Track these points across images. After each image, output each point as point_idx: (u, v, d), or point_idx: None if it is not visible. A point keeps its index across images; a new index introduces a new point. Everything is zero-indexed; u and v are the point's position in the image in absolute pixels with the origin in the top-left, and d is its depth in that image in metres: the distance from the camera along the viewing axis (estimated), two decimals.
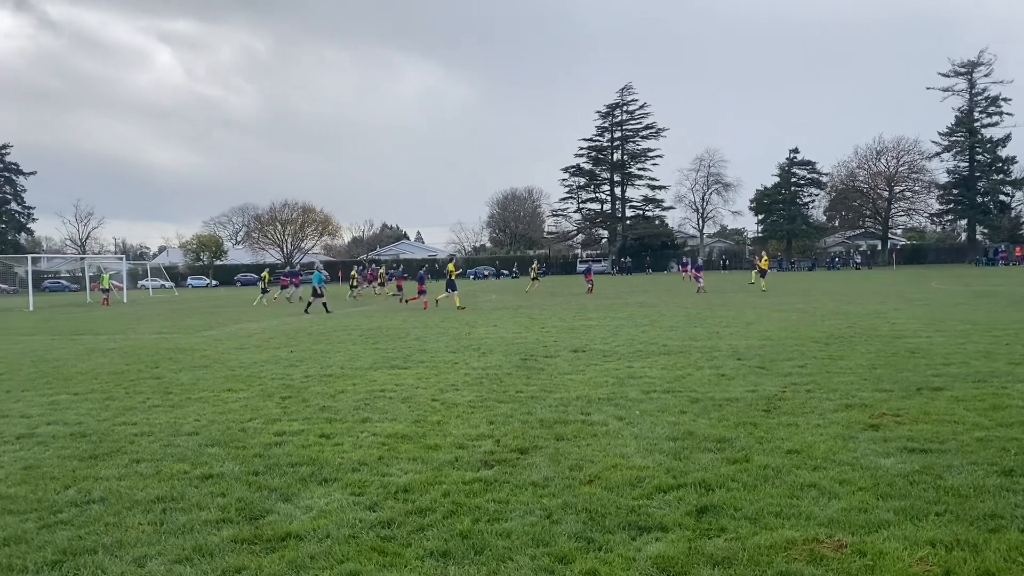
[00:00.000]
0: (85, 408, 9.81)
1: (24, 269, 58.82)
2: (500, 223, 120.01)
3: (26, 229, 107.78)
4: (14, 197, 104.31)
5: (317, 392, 10.49)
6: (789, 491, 5.49)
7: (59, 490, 6.13)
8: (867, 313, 20.67)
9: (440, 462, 6.61)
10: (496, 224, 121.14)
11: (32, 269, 53.28)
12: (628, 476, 5.95)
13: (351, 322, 23.74)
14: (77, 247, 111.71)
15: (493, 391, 10.08)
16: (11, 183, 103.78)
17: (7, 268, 69.18)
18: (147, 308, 40.38)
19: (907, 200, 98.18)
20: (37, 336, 22.58)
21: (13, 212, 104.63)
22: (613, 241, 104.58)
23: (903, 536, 4.59)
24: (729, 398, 9.01)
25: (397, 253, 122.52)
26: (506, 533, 4.87)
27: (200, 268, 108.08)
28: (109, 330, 24.13)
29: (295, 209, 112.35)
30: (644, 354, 13.34)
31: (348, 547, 4.73)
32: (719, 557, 4.39)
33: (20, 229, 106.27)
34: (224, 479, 6.28)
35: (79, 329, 25.09)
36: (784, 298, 29.10)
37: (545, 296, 37.44)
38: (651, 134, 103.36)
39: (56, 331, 24.49)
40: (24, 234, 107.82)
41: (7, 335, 23.39)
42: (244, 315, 30.01)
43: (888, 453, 6.41)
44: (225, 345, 17.57)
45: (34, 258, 61.49)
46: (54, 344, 19.46)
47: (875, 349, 12.97)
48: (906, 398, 8.71)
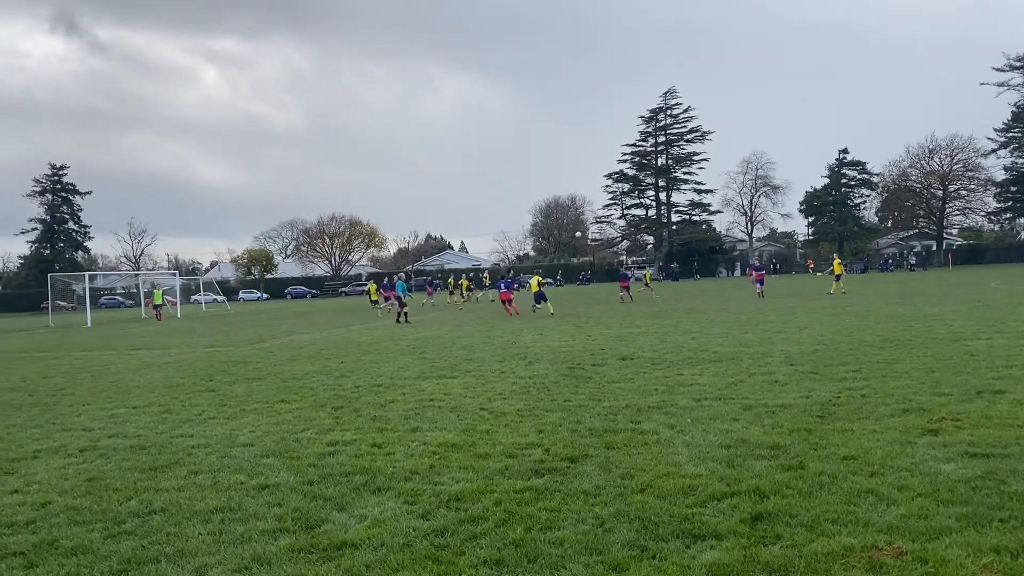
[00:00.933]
0: (144, 421, 10.06)
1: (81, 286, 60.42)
2: (543, 231, 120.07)
3: (83, 247, 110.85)
4: (71, 216, 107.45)
5: (368, 402, 10.61)
6: (846, 498, 5.39)
7: (122, 501, 6.30)
8: (923, 316, 20.20)
9: (491, 471, 6.63)
10: (539, 232, 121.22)
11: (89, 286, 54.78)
12: (681, 484, 5.90)
13: (399, 332, 23.94)
14: (131, 264, 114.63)
15: (541, 400, 10.08)
16: (68, 203, 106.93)
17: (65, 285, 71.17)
18: (200, 322, 41.24)
19: (962, 199, 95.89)
20: (95, 351, 23.21)
21: (71, 231, 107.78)
22: (659, 247, 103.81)
23: (966, 543, 4.48)
24: (782, 404, 8.88)
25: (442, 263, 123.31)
26: (559, 541, 4.86)
27: (251, 282, 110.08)
28: (164, 345, 24.69)
29: (342, 222, 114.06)
30: (694, 361, 13.22)
31: (403, 555, 4.78)
32: (775, 565, 4.33)
33: (77, 247, 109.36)
34: (280, 489, 6.38)
35: (135, 344, 25.72)
36: (837, 301, 28.57)
37: (590, 304, 37.30)
38: (696, 137, 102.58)
39: (113, 346, 25.15)
40: (81, 252, 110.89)
41: (68, 350, 24.09)
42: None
43: (948, 458, 6.26)
44: (277, 357, 17.85)
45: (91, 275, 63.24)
46: (112, 359, 19.98)
47: (932, 352, 12.67)
48: (966, 402, 8.49)
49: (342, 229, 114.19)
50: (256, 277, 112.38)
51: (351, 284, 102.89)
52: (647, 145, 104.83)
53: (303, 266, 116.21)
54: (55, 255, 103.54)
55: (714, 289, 46.57)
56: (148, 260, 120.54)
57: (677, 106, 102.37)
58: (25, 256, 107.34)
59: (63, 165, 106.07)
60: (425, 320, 30.34)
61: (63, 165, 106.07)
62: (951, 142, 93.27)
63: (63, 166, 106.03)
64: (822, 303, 28.02)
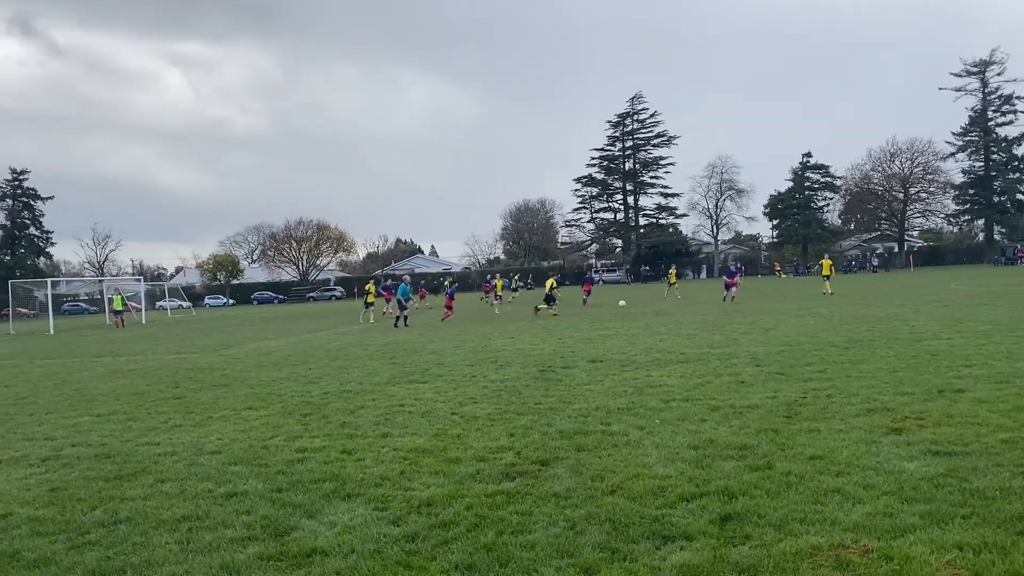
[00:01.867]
0: (108, 429, 9.90)
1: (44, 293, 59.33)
2: (514, 235, 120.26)
3: (45, 253, 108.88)
4: (32, 222, 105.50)
5: (337, 408, 10.54)
6: (813, 497, 5.46)
7: (86, 511, 6.19)
8: (886, 316, 20.54)
9: (462, 475, 6.62)
10: (510, 236, 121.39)
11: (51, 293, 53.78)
12: (651, 486, 5.94)
13: (368, 338, 23.82)
14: (95, 270, 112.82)
15: (512, 403, 10.09)
16: (29, 208, 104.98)
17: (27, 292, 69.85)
18: (166, 329, 40.67)
19: (923, 201, 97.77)
20: (58, 359, 22.80)
21: (32, 237, 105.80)
22: (627, 250, 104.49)
23: (929, 540, 4.56)
24: (749, 405, 8.98)
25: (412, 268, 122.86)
26: (530, 545, 4.87)
27: (217, 287, 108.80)
28: (129, 351, 24.32)
29: (310, 226, 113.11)
30: (662, 363, 13.32)
31: (373, 562, 4.75)
32: (744, 564, 4.38)
33: (39, 253, 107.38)
34: (248, 497, 6.32)
35: (99, 351, 25.31)
36: (802, 303, 28.94)
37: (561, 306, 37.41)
38: (662, 142, 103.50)
39: (77, 353, 24.72)
40: (43, 258, 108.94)
41: (29, 358, 23.63)
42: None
43: (912, 457, 6.37)
44: (244, 364, 17.67)
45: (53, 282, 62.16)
46: (75, 366, 19.64)
47: (895, 352, 12.89)
48: (928, 401, 8.65)
49: (310, 233, 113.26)
50: (222, 283, 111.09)
51: (319, 289, 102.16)
52: (615, 149, 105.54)
53: (270, 271, 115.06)
54: (16, 261, 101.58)
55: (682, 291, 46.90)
56: (112, 266, 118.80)
57: (644, 111, 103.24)
58: None
59: (24, 170, 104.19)
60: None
61: (24, 170, 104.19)
62: (911, 146, 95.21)
63: (24, 171, 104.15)
64: (786, 304, 28.35)
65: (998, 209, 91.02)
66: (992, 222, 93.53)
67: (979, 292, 30.14)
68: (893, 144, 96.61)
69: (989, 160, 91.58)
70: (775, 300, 32.55)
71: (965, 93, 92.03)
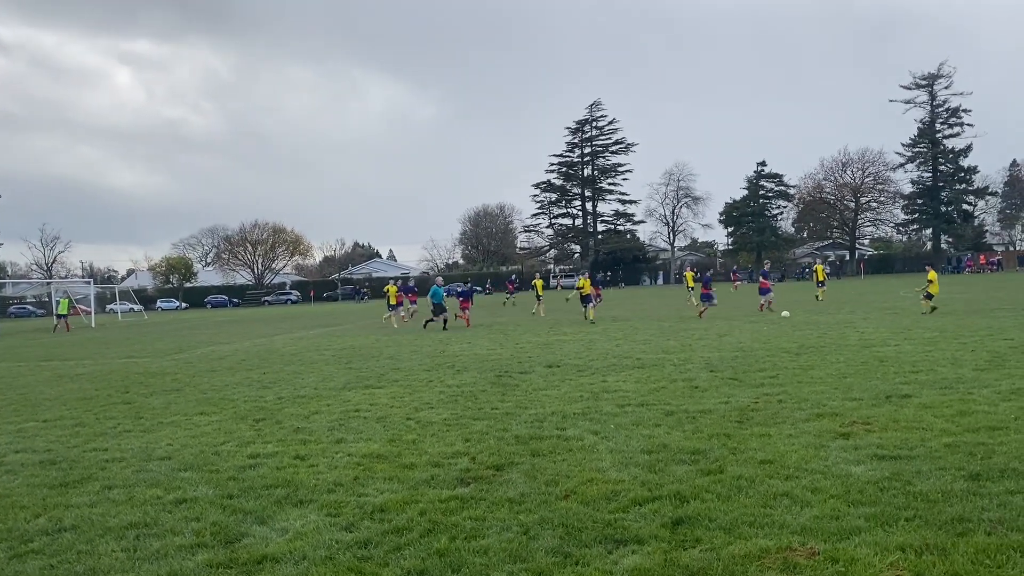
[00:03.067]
0: (54, 435, 9.67)
1: None
2: (472, 240, 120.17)
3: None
4: None
5: (291, 413, 10.43)
6: (763, 500, 5.55)
7: (29, 519, 6.04)
8: (837, 323, 20.95)
9: (416, 481, 6.60)
10: (468, 241, 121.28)
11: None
12: (604, 490, 5.98)
13: (323, 342, 23.60)
14: (43, 272, 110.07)
15: (468, 408, 10.08)
16: None
17: None
18: (116, 332, 39.83)
19: (873, 211, 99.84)
20: (3, 363, 22.19)
21: None
22: (585, 256, 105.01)
23: (874, 542, 4.66)
24: (703, 410, 9.09)
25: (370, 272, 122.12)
26: (483, 550, 4.87)
27: (170, 291, 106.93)
28: (77, 355, 23.77)
29: (265, 229, 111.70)
30: (618, 368, 13.42)
31: (325, 568, 4.71)
32: (694, 568, 4.43)
33: None
34: (198, 503, 6.22)
35: (46, 355, 24.70)
36: (754, 310, 29.36)
37: (519, 311, 37.48)
38: (620, 149, 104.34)
39: (22, 357, 24.09)
40: None
41: None
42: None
43: (859, 461, 6.51)
44: (196, 368, 17.39)
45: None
46: (21, 371, 19.14)
47: (845, 358, 13.16)
48: (876, 406, 8.84)
49: (265, 236, 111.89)
50: (175, 286, 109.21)
51: (275, 293, 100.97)
52: (574, 156, 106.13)
53: (224, 274, 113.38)
54: None
55: (639, 297, 47.28)
56: (61, 268, 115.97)
57: (603, 118, 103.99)
58: None
59: None
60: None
61: None
62: (863, 156, 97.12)
63: None
64: (741, 311, 28.74)
65: (945, 219, 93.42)
66: (940, 231, 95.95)
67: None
68: (845, 154, 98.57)
69: (937, 171, 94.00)
70: (730, 307, 32.97)
71: (914, 105, 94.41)
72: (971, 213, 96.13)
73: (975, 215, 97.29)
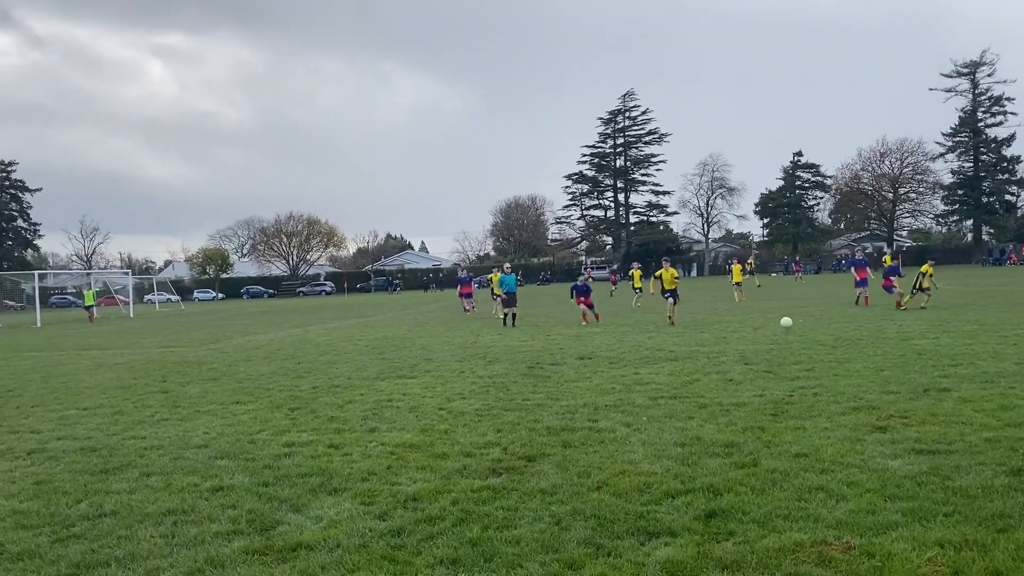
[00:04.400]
0: (94, 423, 9.86)
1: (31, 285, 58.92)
2: (504, 231, 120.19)
3: (32, 245, 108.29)
4: (20, 214, 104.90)
5: (325, 403, 10.53)
6: (797, 494, 5.50)
7: (71, 504, 6.17)
8: (873, 315, 20.65)
9: (448, 470, 6.63)
10: (500, 232, 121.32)
11: (39, 285, 53.46)
12: (636, 482, 5.96)
13: (357, 332, 23.79)
14: (83, 263, 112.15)
15: (500, 399, 10.11)
16: (17, 200, 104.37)
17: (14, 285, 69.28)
18: (154, 322, 40.50)
19: (912, 201, 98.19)
20: (45, 352, 22.68)
21: (19, 229, 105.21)
22: (617, 247, 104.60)
23: (911, 537, 4.60)
24: (737, 403, 9.02)
25: (402, 263, 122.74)
26: (515, 540, 4.89)
27: (206, 281, 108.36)
28: (116, 344, 24.21)
29: (300, 221, 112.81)
30: (651, 360, 13.35)
31: (359, 556, 4.76)
32: (728, 561, 4.41)
33: (27, 246, 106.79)
34: (234, 491, 6.31)
35: (86, 344, 25.19)
36: (791, 302, 29.07)
37: (550, 303, 37.44)
38: (654, 139, 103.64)
39: (63, 346, 24.59)
40: (31, 250, 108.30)
41: (16, 351, 23.50)
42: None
43: (896, 455, 6.42)
44: (232, 358, 17.62)
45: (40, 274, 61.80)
46: (62, 359, 19.55)
47: (882, 351, 12.97)
48: (913, 400, 8.71)
49: (300, 228, 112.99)
50: (211, 276, 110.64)
51: (309, 284, 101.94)
52: (606, 147, 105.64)
53: (260, 265, 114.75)
54: (3, 254, 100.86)
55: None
56: (100, 259, 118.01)
57: (636, 108, 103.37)
58: None
59: (11, 161, 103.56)
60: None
61: (11, 161, 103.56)
62: (901, 146, 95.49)
63: (11, 162, 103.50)
64: (777, 303, 28.44)
65: (987, 210, 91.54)
66: (980, 223, 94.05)
67: (967, 292, 30.34)
68: (883, 144, 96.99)
69: (978, 161, 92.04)
70: (765, 299, 32.67)
71: (955, 94, 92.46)
72: (1014, 204, 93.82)
73: (1017, 205, 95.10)
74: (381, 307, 44.18)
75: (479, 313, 30.36)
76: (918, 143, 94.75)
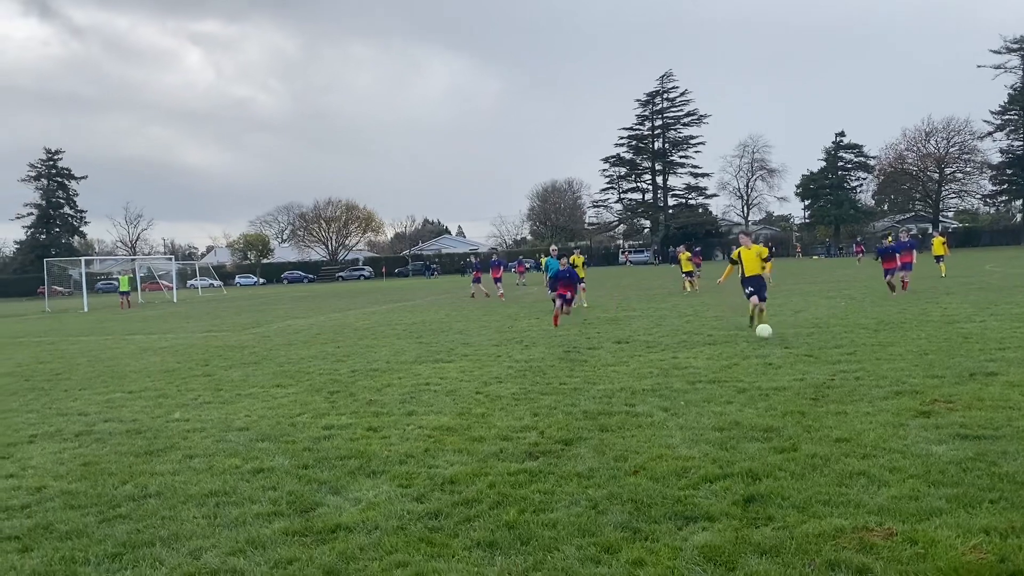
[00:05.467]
0: (139, 405, 10.07)
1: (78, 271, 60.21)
2: (541, 215, 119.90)
3: (79, 232, 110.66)
4: (67, 201, 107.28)
5: (364, 386, 10.63)
6: (838, 479, 5.42)
7: (117, 485, 6.31)
8: (917, 298, 20.25)
9: (485, 454, 6.66)
10: (537, 216, 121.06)
11: (85, 271, 54.62)
12: (674, 466, 5.93)
13: (395, 317, 23.95)
14: (128, 249, 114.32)
15: (536, 383, 10.11)
16: (64, 187, 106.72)
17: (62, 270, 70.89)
18: (196, 307, 41.20)
19: (958, 182, 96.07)
20: (92, 336, 23.20)
21: (67, 216, 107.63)
22: (655, 231, 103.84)
23: (956, 524, 4.51)
24: (776, 387, 8.91)
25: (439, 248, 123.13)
26: (552, 523, 4.89)
27: (247, 267, 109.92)
28: (160, 329, 24.68)
29: (338, 207, 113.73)
30: (689, 344, 13.25)
31: (396, 538, 4.80)
32: (767, 546, 4.36)
33: (73, 232, 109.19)
34: (275, 473, 6.40)
35: (131, 329, 25.71)
36: (832, 284, 28.63)
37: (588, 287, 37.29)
38: (692, 121, 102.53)
39: (110, 331, 25.13)
40: (77, 237, 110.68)
41: (64, 335, 24.08)
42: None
43: (940, 440, 6.29)
44: (273, 342, 17.86)
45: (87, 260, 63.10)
46: (108, 344, 19.98)
47: (926, 335, 12.71)
48: (958, 384, 8.53)
49: (338, 214, 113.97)
50: (252, 262, 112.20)
51: (348, 269, 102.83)
52: (644, 129, 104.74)
53: (300, 251, 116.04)
54: (51, 240, 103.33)
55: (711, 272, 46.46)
56: (144, 245, 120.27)
57: (674, 89, 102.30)
58: (21, 241, 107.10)
59: (58, 150, 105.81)
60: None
61: (58, 150, 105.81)
62: (947, 124, 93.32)
63: (58, 151, 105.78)
64: (816, 286, 28.04)
65: None
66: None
67: (1015, 274, 29.57)
68: (928, 123, 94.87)
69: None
70: (806, 282, 32.21)
71: (1004, 71, 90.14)
72: None
73: None
74: (419, 292, 44.43)
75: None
76: (965, 122, 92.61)
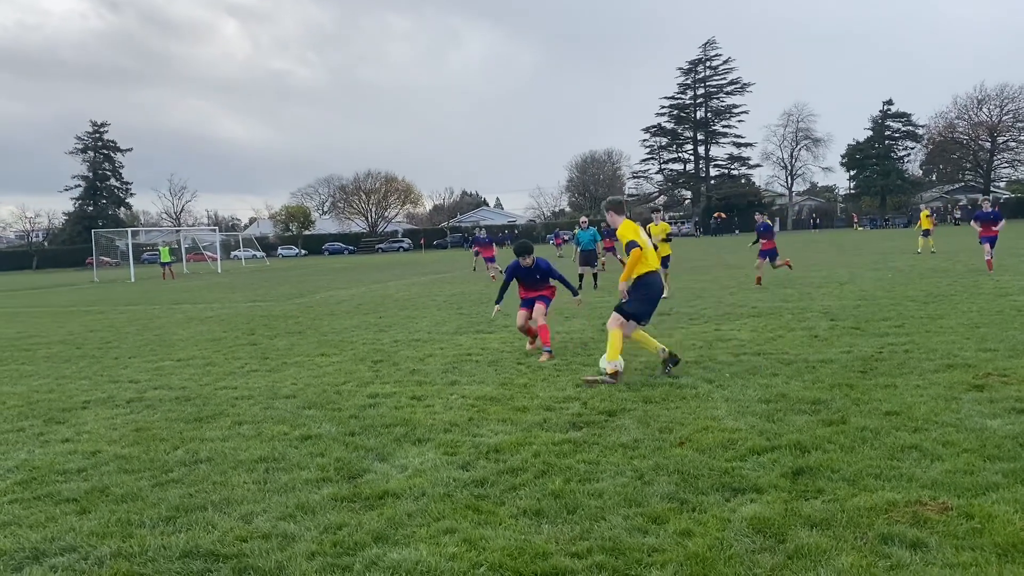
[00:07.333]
0: (188, 373, 10.26)
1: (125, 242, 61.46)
2: (579, 187, 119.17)
3: (125, 204, 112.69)
4: (113, 173, 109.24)
5: (407, 356, 10.70)
6: (889, 453, 5.33)
7: (169, 451, 6.44)
8: (968, 270, 19.78)
9: (529, 423, 6.66)
10: (575, 188, 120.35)
11: (132, 242, 55.71)
12: (720, 438, 5.88)
13: (435, 288, 24.05)
14: (172, 220, 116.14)
15: (578, 354, 10.08)
16: (110, 160, 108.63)
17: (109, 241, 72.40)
18: (240, 277, 41.79)
19: (1011, 151, 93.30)
20: (140, 306, 23.67)
21: (113, 188, 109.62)
22: (696, 202, 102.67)
23: (1013, 499, 4.40)
24: (823, 359, 8.78)
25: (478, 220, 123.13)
26: (598, 493, 4.88)
27: (289, 238, 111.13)
28: (206, 299, 25.09)
29: (378, 179, 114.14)
30: (732, 316, 13.11)
31: (443, 505, 4.83)
32: (817, 519, 4.31)
33: (120, 204, 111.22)
34: (322, 440, 6.48)
35: (178, 299, 26.17)
36: (880, 256, 28.08)
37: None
38: (736, 89, 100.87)
39: (157, 301, 25.61)
40: (123, 208, 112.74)
41: (113, 305, 24.60)
42: (336, 283, 30.66)
43: (995, 414, 6.15)
44: (316, 312, 18.05)
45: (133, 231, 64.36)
46: (156, 313, 20.37)
47: (978, 307, 12.42)
48: (1013, 358, 8.32)
49: (378, 186, 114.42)
50: (294, 233, 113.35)
51: (387, 241, 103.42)
52: (686, 98, 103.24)
53: (340, 223, 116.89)
54: (98, 211, 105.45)
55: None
56: (188, 216, 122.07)
57: (717, 57, 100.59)
58: (69, 212, 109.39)
59: (104, 122, 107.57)
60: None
61: (104, 122, 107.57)
62: (1001, 92, 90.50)
63: (104, 123, 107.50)
64: (863, 257, 27.52)
65: None
66: None
67: None
68: (981, 91, 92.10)
69: None
70: (851, 253, 31.66)
71: None
72: None
73: None
74: (457, 263, 44.52)
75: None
76: (1020, 89, 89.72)
